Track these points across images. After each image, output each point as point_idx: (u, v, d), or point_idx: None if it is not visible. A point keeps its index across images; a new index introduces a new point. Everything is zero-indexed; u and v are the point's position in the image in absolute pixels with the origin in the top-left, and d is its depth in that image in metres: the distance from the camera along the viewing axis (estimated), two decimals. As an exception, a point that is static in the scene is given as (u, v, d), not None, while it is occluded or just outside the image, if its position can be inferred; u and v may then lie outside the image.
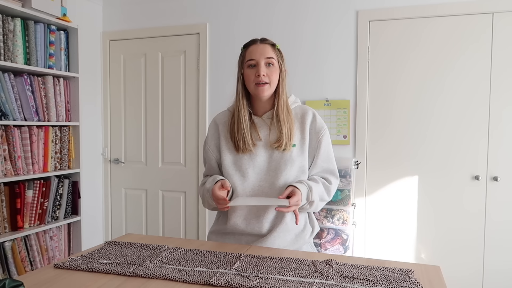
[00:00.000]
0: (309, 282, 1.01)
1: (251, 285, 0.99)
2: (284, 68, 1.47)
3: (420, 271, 1.11)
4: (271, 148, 1.44)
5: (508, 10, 2.56)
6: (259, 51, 1.42)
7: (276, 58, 1.45)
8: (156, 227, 3.48)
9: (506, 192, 2.61)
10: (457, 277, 2.71)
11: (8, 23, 2.37)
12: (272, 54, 1.43)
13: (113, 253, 1.24)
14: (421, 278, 1.06)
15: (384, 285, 0.99)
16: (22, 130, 2.47)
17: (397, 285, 0.99)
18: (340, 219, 2.76)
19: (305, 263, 1.15)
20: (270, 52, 1.43)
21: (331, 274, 1.06)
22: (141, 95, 3.48)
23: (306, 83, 2.98)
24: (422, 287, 0.99)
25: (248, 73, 1.43)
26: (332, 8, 2.92)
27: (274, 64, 1.43)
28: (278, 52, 1.46)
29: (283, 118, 1.43)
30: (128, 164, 3.54)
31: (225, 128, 1.51)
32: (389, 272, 1.07)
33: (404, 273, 1.07)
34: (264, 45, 1.44)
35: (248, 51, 1.44)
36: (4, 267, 2.37)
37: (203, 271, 1.08)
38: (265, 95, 1.43)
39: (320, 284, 1.00)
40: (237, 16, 3.15)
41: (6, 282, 0.85)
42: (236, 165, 1.45)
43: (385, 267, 1.12)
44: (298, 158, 1.45)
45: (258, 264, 1.13)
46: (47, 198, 2.64)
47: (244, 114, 1.44)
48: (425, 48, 2.74)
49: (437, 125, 2.73)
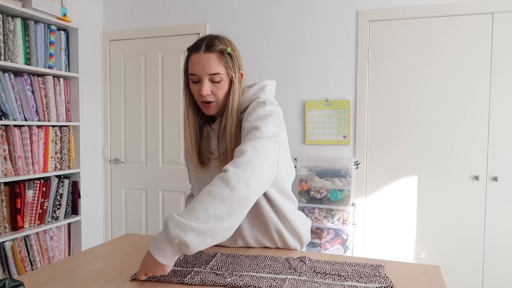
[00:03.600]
0: (282, 278, 1.03)
1: (225, 282, 0.99)
2: (236, 76, 1.22)
3: (420, 271, 1.11)
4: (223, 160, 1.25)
5: (508, 10, 2.56)
6: (202, 64, 1.18)
7: (225, 69, 1.20)
8: (156, 227, 3.48)
9: (506, 192, 2.61)
10: (457, 277, 2.71)
11: (8, 23, 2.37)
12: (218, 68, 1.18)
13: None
14: (421, 278, 1.07)
15: (355, 280, 1.02)
16: (22, 130, 2.47)
17: (367, 279, 1.01)
18: (340, 219, 2.76)
19: (279, 260, 1.15)
20: (214, 67, 1.18)
21: (304, 270, 1.07)
22: (141, 95, 3.48)
23: (306, 83, 2.98)
24: (391, 281, 1.01)
25: (192, 88, 1.24)
26: (332, 8, 2.92)
27: (222, 79, 1.20)
28: (228, 58, 1.20)
29: (230, 134, 1.22)
30: (128, 164, 3.54)
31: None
32: (360, 268, 1.10)
33: (375, 268, 1.09)
34: (208, 55, 1.18)
35: (191, 61, 1.21)
36: (4, 267, 2.37)
37: (178, 270, 1.08)
38: (212, 113, 1.25)
39: (293, 280, 1.01)
40: (237, 16, 3.15)
41: (6, 282, 0.85)
42: (197, 179, 1.33)
43: (357, 263, 1.14)
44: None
45: (233, 262, 1.14)
46: (47, 198, 2.64)
47: (190, 130, 1.27)
48: (425, 48, 2.74)
49: (437, 125, 2.73)
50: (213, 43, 1.19)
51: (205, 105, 1.23)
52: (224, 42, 1.22)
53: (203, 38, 1.23)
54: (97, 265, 1.15)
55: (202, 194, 0.99)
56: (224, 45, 1.20)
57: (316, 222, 2.78)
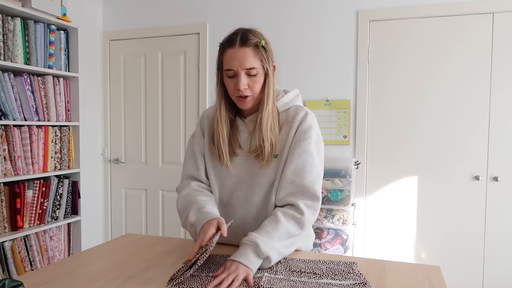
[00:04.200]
0: (259, 276, 1.05)
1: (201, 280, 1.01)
2: (271, 69, 1.24)
3: (420, 271, 1.11)
4: (250, 156, 1.27)
5: (508, 10, 2.56)
6: (238, 59, 1.18)
7: (260, 63, 1.20)
8: (156, 227, 3.48)
9: (506, 192, 2.61)
10: (457, 277, 2.71)
11: (8, 23, 2.37)
12: (254, 62, 1.19)
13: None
14: (421, 278, 1.06)
15: (330, 277, 1.04)
16: (22, 130, 2.47)
17: (341, 276, 1.04)
18: (340, 219, 2.75)
19: None
20: (250, 60, 1.18)
21: (280, 269, 1.10)
22: (141, 95, 3.48)
23: (306, 83, 2.98)
24: (364, 278, 1.03)
25: (227, 83, 1.23)
26: (332, 8, 2.92)
27: (257, 73, 1.20)
28: (263, 51, 1.21)
29: (266, 129, 1.22)
30: (128, 164, 3.54)
31: (210, 125, 1.35)
32: (334, 265, 1.12)
33: (348, 265, 1.12)
34: (244, 49, 1.18)
35: (226, 57, 1.21)
36: (4, 267, 2.37)
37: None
38: (248, 107, 1.25)
39: (269, 278, 1.03)
40: (237, 16, 3.15)
41: (6, 282, 0.85)
42: (215, 170, 1.32)
43: (330, 260, 1.17)
44: (272, 170, 1.26)
45: (209, 262, 1.15)
46: (47, 198, 2.64)
47: (222, 125, 1.26)
48: (425, 48, 2.74)
49: (438, 125, 2.73)
50: (247, 37, 1.20)
51: (240, 100, 1.22)
52: (257, 35, 1.22)
53: (235, 32, 1.22)
54: (97, 265, 1.15)
55: (280, 227, 1.15)
56: (258, 38, 1.21)
57: (316, 222, 2.78)
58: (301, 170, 1.21)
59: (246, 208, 1.29)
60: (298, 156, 1.22)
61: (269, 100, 1.23)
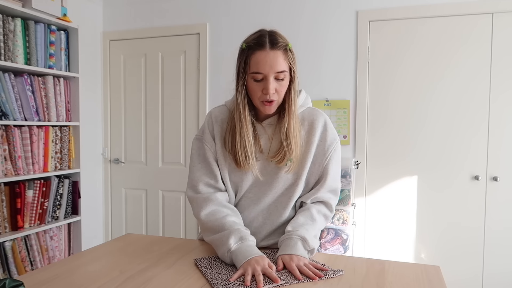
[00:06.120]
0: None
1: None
2: (295, 72, 1.20)
3: (420, 271, 1.11)
4: (268, 159, 1.25)
5: (508, 10, 2.56)
6: (269, 62, 1.13)
7: (288, 66, 1.17)
8: (156, 227, 3.48)
9: (506, 192, 2.61)
10: (457, 277, 2.71)
11: (8, 23, 2.37)
12: (284, 65, 1.15)
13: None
14: (421, 278, 1.07)
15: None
16: (22, 130, 2.47)
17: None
18: (340, 219, 2.76)
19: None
20: (281, 64, 1.14)
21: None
22: (141, 95, 3.48)
23: (306, 83, 2.98)
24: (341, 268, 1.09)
25: (253, 87, 1.18)
26: (332, 8, 2.92)
27: (285, 77, 1.17)
28: (291, 54, 1.18)
29: (295, 134, 1.21)
30: (128, 164, 3.55)
31: (220, 128, 1.29)
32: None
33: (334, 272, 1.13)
34: (275, 52, 1.14)
35: (254, 59, 1.15)
36: (4, 267, 2.37)
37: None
38: (272, 111, 1.22)
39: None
40: (237, 16, 3.15)
41: (6, 282, 0.85)
42: (230, 176, 1.29)
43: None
44: (291, 174, 1.26)
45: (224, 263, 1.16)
46: (47, 198, 2.64)
47: (247, 130, 1.21)
48: (425, 48, 2.74)
49: (437, 125, 2.73)
50: (277, 39, 1.16)
51: (266, 104, 1.19)
52: (283, 38, 1.18)
53: (262, 34, 1.17)
54: (97, 265, 1.15)
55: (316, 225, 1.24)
56: (285, 41, 1.18)
57: (316, 222, 2.78)
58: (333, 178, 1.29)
59: (254, 209, 1.31)
60: (333, 169, 1.28)
61: (296, 104, 1.22)
